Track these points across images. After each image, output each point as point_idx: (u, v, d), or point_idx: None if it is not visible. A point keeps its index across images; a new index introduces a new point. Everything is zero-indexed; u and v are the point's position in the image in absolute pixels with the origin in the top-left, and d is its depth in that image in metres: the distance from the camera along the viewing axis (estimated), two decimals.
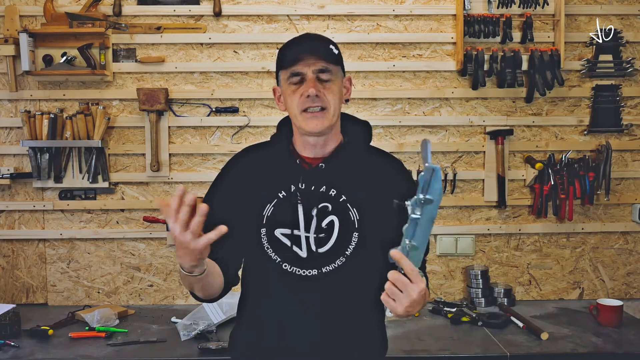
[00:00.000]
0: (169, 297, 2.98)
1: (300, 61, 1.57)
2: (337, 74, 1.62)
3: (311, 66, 1.57)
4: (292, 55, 1.58)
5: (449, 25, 2.93)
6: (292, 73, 1.58)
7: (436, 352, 2.33)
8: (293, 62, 1.57)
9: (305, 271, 1.60)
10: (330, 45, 1.61)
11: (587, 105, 2.97)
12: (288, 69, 1.59)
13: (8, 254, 2.95)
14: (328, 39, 1.65)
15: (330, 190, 1.62)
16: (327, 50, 1.59)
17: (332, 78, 1.60)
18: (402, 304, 1.36)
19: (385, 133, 2.95)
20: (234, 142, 2.93)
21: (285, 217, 1.61)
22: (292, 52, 1.59)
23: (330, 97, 1.58)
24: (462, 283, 3.01)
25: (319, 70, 1.58)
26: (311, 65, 1.57)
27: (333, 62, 1.60)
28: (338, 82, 1.62)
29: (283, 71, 1.62)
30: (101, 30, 2.78)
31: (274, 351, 1.63)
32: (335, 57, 1.61)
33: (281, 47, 1.66)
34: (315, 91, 1.55)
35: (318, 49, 1.59)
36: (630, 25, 2.96)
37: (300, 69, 1.57)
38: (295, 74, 1.58)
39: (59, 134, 2.84)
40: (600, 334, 2.51)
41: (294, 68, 1.58)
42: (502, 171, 2.92)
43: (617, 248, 3.02)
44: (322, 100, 1.57)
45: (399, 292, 1.35)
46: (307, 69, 1.57)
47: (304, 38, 1.66)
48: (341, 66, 1.65)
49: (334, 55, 1.60)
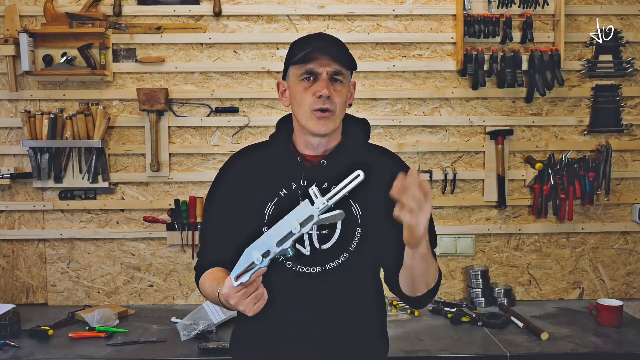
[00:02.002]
0: (169, 297, 2.98)
1: (315, 60, 1.56)
2: (347, 77, 1.62)
3: (326, 67, 1.56)
4: (308, 52, 1.56)
5: (449, 25, 2.93)
6: (307, 70, 1.57)
7: (436, 352, 2.33)
8: (308, 60, 1.56)
9: (308, 269, 1.60)
10: (346, 49, 1.61)
11: (587, 105, 2.97)
12: (302, 65, 1.58)
13: (8, 254, 2.95)
14: (343, 43, 1.64)
15: (332, 187, 1.62)
16: (344, 53, 1.59)
17: (343, 81, 1.60)
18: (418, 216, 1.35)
19: (385, 133, 2.95)
20: (234, 142, 2.93)
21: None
22: (309, 49, 1.57)
23: (338, 101, 1.58)
24: (462, 283, 3.01)
25: (334, 72, 1.57)
26: (326, 65, 1.56)
27: (346, 66, 1.60)
28: (347, 86, 1.62)
29: (295, 67, 1.60)
30: (101, 30, 2.78)
31: (277, 350, 1.63)
32: (351, 61, 1.60)
33: (295, 42, 1.65)
34: (328, 92, 1.55)
35: (335, 50, 1.58)
36: (630, 25, 2.96)
37: (316, 68, 1.57)
38: (309, 71, 1.57)
39: (59, 134, 2.84)
40: (600, 334, 2.51)
41: (309, 66, 1.57)
42: (502, 171, 2.92)
43: (617, 248, 3.02)
44: (331, 103, 1.57)
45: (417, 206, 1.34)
46: (323, 69, 1.56)
47: (320, 38, 1.64)
48: (351, 71, 1.65)
49: (349, 59, 1.60)
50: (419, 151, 2.95)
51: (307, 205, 1.37)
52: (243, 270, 1.40)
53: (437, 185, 2.97)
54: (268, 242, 1.40)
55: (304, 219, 1.37)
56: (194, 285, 2.95)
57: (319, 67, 1.56)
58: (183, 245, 2.92)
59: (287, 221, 1.38)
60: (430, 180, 2.94)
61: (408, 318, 2.70)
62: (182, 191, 2.94)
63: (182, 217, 2.88)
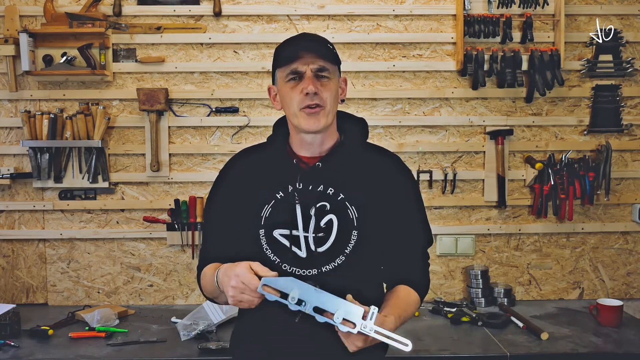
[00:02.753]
0: (169, 297, 2.98)
1: (299, 59, 1.57)
2: (334, 73, 1.63)
3: (310, 64, 1.57)
4: (290, 53, 1.58)
5: (449, 25, 2.93)
6: (291, 71, 1.58)
7: (436, 352, 2.33)
8: (291, 60, 1.58)
9: (305, 271, 1.60)
10: (328, 45, 1.62)
11: (587, 105, 2.97)
12: (286, 66, 1.59)
13: (8, 254, 2.95)
14: (325, 38, 1.65)
15: (328, 189, 1.62)
16: (326, 49, 1.60)
17: (329, 76, 1.60)
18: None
19: (385, 133, 2.95)
20: (234, 142, 2.93)
21: (284, 217, 1.61)
22: (290, 50, 1.59)
23: (327, 95, 1.59)
24: (462, 283, 3.01)
25: (318, 69, 1.58)
26: (310, 63, 1.57)
27: (331, 62, 1.60)
28: (335, 81, 1.63)
29: (280, 69, 1.62)
30: (101, 30, 2.78)
31: (275, 351, 1.63)
32: (334, 56, 1.61)
33: (278, 46, 1.66)
34: (314, 88, 1.56)
35: (316, 47, 1.59)
36: (630, 25, 2.96)
37: (299, 67, 1.58)
38: (294, 72, 1.58)
39: (59, 134, 2.84)
40: (600, 334, 2.50)
41: (293, 66, 1.58)
42: (502, 171, 2.92)
43: (617, 248, 3.02)
44: (320, 99, 1.57)
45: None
46: (306, 67, 1.57)
47: (301, 37, 1.66)
48: (338, 66, 1.65)
49: (332, 54, 1.61)
50: (419, 151, 2.95)
51: (360, 314, 1.39)
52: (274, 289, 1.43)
53: (437, 185, 2.97)
54: (311, 297, 1.42)
55: (350, 319, 1.39)
56: (194, 285, 2.95)
57: (303, 66, 1.57)
58: (183, 245, 2.91)
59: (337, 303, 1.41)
60: (430, 180, 2.94)
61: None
62: (182, 191, 2.94)
63: (182, 217, 2.88)
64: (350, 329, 1.39)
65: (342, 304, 1.41)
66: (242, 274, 1.45)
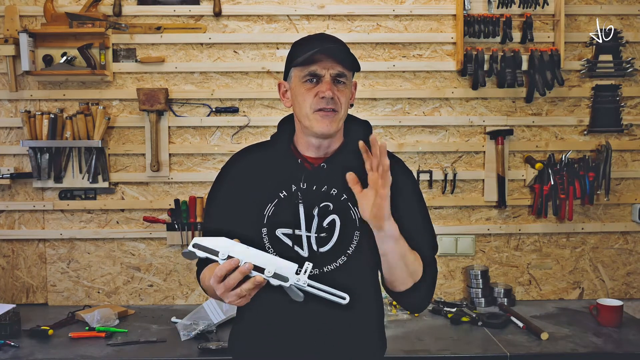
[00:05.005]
0: (169, 297, 2.98)
1: (319, 62, 1.56)
2: (350, 79, 1.63)
3: (330, 69, 1.57)
4: (311, 54, 1.56)
5: (449, 25, 2.93)
6: (310, 72, 1.57)
7: (436, 352, 2.33)
8: (311, 62, 1.56)
9: None
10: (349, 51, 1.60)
11: (587, 105, 2.97)
12: (305, 67, 1.58)
13: (8, 254, 2.95)
14: (345, 44, 1.64)
15: (331, 190, 1.62)
16: (346, 55, 1.58)
17: (346, 82, 1.60)
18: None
19: (385, 133, 2.95)
20: (234, 142, 2.93)
21: (287, 217, 1.61)
22: (311, 51, 1.56)
23: (343, 101, 1.59)
24: (462, 283, 3.01)
25: (337, 74, 1.58)
26: (329, 68, 1.56)
27: (349, 69, 1.60)
28: (350, 87, 1.63)
29: (297, 68, 1.60)
30: (101, 30, 2.78)
31: (274, 351, 1.63)
32: (354, 63, 1.60)
33: (296, 43, 1.65)
34: (332, 94, 1.55)
35: (338, 52, 1.58)
36: (630, 25, 2.96)
37: (318, 71, 1.57)
38: (312, 73, 1.57)
39: (59, 134, 2.84)
40: (600, 334, 2.51)
41: (312, 68, 1.57)
42: (502, 171, 2.92)
43: (617, 248, 3.02)
44: (336, 103, 1.57)
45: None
46: (326, 72, 1.57)
47: (324, 39, 1.64)
48: (353, 72, 1.64)
49: (352, 61, 1.60)
50: (419, 151, 2.95)
51: (292, 269, 1.40)
52: (204, 249, 1.41)
53: (437, 185, 2.97)
54: (241, 254, 1.40)
55: (281, 274, 1.39)
56: (194, 285, 2.95)
57: (322, 70, 1.57)
58: (183, 245, 2.91)
59: (268, 259, 1.40)
60: (430, 180, 2.94)
61: (408, 318, 2.70)
62: (182, 191, 2.94)
63: (182, 217, 2.88)
64: (283, 283, 1.38)
65: (274, 259, 1.40)
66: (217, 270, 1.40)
